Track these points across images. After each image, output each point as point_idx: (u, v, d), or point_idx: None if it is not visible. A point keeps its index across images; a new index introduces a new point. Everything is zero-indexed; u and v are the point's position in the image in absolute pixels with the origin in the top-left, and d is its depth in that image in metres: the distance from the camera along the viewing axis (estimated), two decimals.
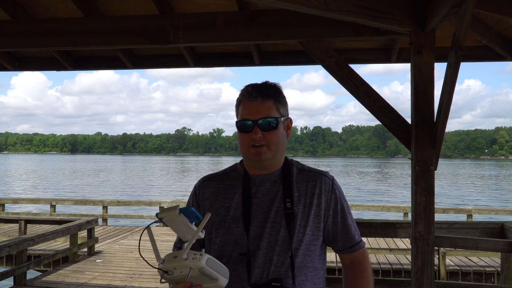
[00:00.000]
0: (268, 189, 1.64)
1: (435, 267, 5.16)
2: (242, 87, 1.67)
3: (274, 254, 1.55)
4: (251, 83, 1.68)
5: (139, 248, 1.51)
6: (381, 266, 8.14)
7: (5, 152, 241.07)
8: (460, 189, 38.87)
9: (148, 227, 1.41)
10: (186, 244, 1.32)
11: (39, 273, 8.12)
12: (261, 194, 1.63)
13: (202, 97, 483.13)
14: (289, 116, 1.71)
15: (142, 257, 1.44)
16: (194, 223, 1.36)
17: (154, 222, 1.43)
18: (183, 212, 1.34)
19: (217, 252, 1.63)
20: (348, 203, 1.75)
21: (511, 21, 3.36)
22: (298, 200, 1.62)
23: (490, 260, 8.39)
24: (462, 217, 12.12)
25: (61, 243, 9.55)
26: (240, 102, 1.65)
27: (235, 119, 1.69)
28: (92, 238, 8.94)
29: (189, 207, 1.35)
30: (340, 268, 7.68)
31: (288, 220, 1.58)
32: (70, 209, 16.43)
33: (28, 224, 9.11)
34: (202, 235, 1.34)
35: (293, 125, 1.72)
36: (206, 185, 1.73)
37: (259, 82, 1.68)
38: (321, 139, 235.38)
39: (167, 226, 1.37)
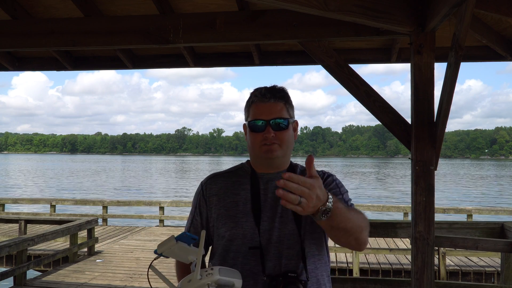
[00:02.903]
0: (275, 187, 1.67)
1: (435, 267, 5.16)
2: (252, 90, 1.75)
3: (284, 247, 1.61)
4: (260, 86, 1.76)
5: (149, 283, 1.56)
6: (381, 266, 8.14)
7: (5, 152, 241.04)
8: (460, 189, 38.85)
9: (151, 266, 1.45)
10: (194, 266, 1.36)
11: (39, 273, 8.12)
12: (269, 191, 1.69)
13: (203, 97, 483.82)
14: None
15: None
16: (191, 244, 1.40)
17: (155, 259, 1.46)
18: (180, 240, 1.38)
19: (224, 246, 1.68)
20: None
21: (511, 21, 3.36)
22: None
23: (490, 260, 8.39)
24: (462, 217, 12.11)
25: (61, 243, 9.55)
26: (252, 103, 1.71)
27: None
28: (92, 238, 8.94)
29: (184, 232, 1.39)
30: (340, 268, 7.59)
31: (296, 214, 1.60)
32: (70, 209, 16.42)
33: (28, 224, 9.10)
34: (203, 251, 1.38)
35: None
36: (213, 181, 1.78)
37: (266, 85, 1.76)
38: (321, 139, 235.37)
39: (167, 258, 1.42)
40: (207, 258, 1.87)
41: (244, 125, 1.76)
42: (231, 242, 1.66)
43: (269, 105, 1.67)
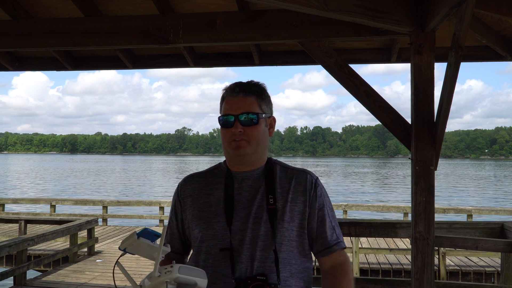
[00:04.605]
0: (250, 186, 1.64)
1: (435, 267, 5.16)
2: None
3: (257, 249, 1.55)
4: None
5: (114, 281, 1.54)
6: (381, 266, 8.14)
7: (5, 152, 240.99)
8: (460, 189, 38.84)
9: (117, 262, 1.42)
10: (155, 263, 1.32)
11: (39, 273, 8.13)
12: (243, 190, 1.64)
13: (204, 97, 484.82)
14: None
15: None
16: (155, 241, 1.37)
17: (121, 256, 1.44)
18: (141, 235, 1.35)
19: (196, 248, 1.64)
20: (348, 203, 1.76)
21: (511, 21, 3.36)
22: (282, 197, 1.62)
23: (490, 260, 8.40)
24: (462, 217, 12.12)
25: (61, 243, 9.55)
26: (223, 98, 1.68)
27: None
28: (92, 238, 8.94)
29: (145, 228, 1.36)
30: None
31: (271, 215, 1.58)
32: (70, 209, 16.42)
33: (28, 224, 9.10)
34: (167, 248, 1.34)
35: (293, 125, 1.77)
36: (188, 182, 1.74)
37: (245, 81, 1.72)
38: (321, 139, 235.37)
39: (133, 254, 1.39)
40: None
41: None
42: (202, 243, 1.61)
43: (238, 100, 1.63)
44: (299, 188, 1.64)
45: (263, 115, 1.65)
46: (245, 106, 1.61)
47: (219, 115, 1.67)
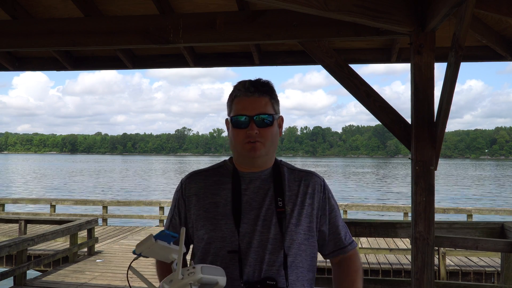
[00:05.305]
0: (258, 187, 1.61)
1: (435, 267, 5.16)
2: (235, 83, 1.66)
3: (266, 253, 1.53)
4: (245, 79, 1.66)
5: (128, 282, 1.50)
6: (381, 266, 8.14)
7: (5, 152, 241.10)
8: (460, 189, 38.84)
9: (130, 267, 1.40)
10: (176, 265, 1.31)
11: (39, 273, 8.12)
12: (251, 191, 1.60)
13: (204, 97, 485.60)
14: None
15: None
16: (172, 242, 1.35)
17: (134, 260, 1.41)
18: (159, 238, 1.33)
19: (203, 249, 1.60)
20: (348, 203, 1.77)
21: (511, 21, 3.36)
22: (290, 199, 1.60)
23: (490, 260, 8.40)
24: (462, 217, 12.12)
25: (61, 243, 9.55)
26: (235, 97, 1.62)
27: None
28: (92, 238, 8.94)
29: (162, 230, 1.34)
30: None
31: (280, 218, 1.55)
32: (70, 209, 16.41)
33: (28, 224, 9.10)
34: (184, 249, 1.34)
35: (293, 125, 1.75)
36: (193, 180, 1.69)
37: (253, 79, 1.66)
38: (321, 139, 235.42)
39: (147, 257, 1.37)
40: (188, 257, 1.84)
41: (226, 120, 1.66)
42: (209, 245, 1.57)
43: (253, 100, 1.58)
44: (308, 191, 1.63)
45: (276, 115, 1.62)
46: (260, 107, 1.57)
47: (230, 114, 1.62)
